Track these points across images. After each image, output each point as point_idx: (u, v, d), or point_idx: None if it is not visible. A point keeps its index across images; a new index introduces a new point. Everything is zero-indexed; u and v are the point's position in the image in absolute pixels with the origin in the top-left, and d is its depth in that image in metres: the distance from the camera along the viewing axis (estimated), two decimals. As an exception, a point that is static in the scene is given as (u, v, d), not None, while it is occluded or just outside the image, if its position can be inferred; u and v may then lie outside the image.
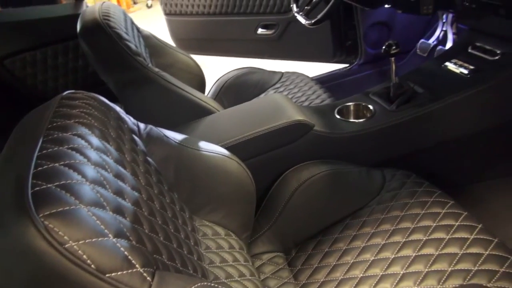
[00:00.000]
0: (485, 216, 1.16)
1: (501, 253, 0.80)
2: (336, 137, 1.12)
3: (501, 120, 1.18)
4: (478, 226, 0.86)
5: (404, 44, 1.88)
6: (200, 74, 1.53)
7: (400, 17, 1.86)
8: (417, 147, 1.19)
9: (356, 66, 1.99)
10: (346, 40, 1.96)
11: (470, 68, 1.19)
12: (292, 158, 1.09)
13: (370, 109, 1.19)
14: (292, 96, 1.55)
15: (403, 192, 1.00)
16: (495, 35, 1.21)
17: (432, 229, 0.88)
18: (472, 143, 1.21)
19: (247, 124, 1.09)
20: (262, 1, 1.94)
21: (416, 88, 1.20)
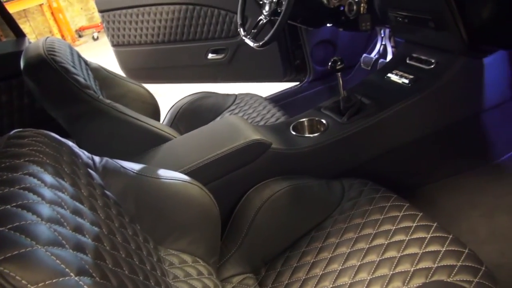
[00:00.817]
0: (438, 214, 1.23)
1: (457, 248, 0.84)
2: (293, 153, 1.15)
3: (442, 123, 1.26)
4: (433, 225, 0.91)
5: (348, 60, 1.99)
6: (154, 103, 1.52)
7: (343, 34, 1.96)
8: (371, 156, 1.24)
9: (306, 83, 2.06)
10: (295, 60, 2.03)
11: (410, 77, 1.27)
12: (253, 177, 1.10)
13: (323, 123, 1.24)
14: (248, 116, 1.57)
15: (362, 199, 1.04)
16: (429, 45, 1.31)
17: (392, 232, 0.92)
18: (420, 147, 1.28)
19: (206, 148, 1.10)
20: (210, 27, 1.97)
21: (364, 100, 1.26)
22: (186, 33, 2.02)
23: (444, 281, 0.78)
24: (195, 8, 1.93)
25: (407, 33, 1.37)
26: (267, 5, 1.42)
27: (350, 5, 1.46)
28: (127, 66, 2.25)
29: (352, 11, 1.45)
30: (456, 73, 1.20)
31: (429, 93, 1.20)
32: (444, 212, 1.25)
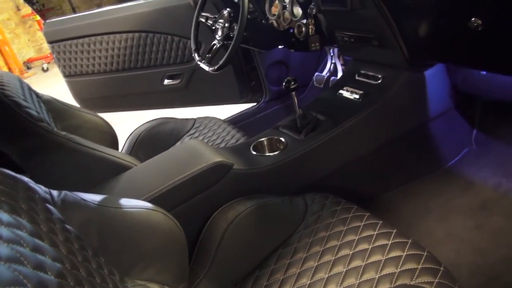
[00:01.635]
0: (397, 221, 1.28)
1: (417, 252, 0.89)
2: (255, 172, 1.17)
3: (393, 134, 1.34)
4: (393, 231, 0.95)
5: (302, 78, 2.06)
6: (111, 131, 1.49)
7: (295, 55, 2.04)
8: (330, 169, 1.28)
9: (263, 103, 2.10)
10: (250, 81, 2.08)
11: (360, 93, 1.34)
12: (217, 199, 1.10)
13: (283, 141, 1.27)
14: (208, 140, 1.58)
15: (325, 213, 1.07)
16: (375, 62, 1.39)
17: (356, 242, 0.95)
18: (375, 158, 1.35)
19: (167, 173, 1.09)
20: (164, 54, 1.98)
21: (319, 117, 1.31)
22: (141, 60, 2.01)
23: (407, 285, 0.82)
24: (148, 36, 1.93)
25: (354, 52, 1.45)
26: (220, 30, 1.45)
27: (299, 27, 1.53)
28: (81, 96, 2.20)
29: (302, 33, 1.52)
30: (401, 86, 1.28)
31: (378, 106, 1.27)
32: (402, 218, 1.31)
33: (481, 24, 0.94)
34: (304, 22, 1.50)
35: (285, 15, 1.59)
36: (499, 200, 1.26)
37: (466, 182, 1.36)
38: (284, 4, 1.56)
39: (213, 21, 1.50)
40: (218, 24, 1.47)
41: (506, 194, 1.28)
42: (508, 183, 1.31)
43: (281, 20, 1.62)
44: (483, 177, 1.36)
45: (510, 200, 1.25)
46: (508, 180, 1.32)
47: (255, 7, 1.69)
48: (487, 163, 1.39)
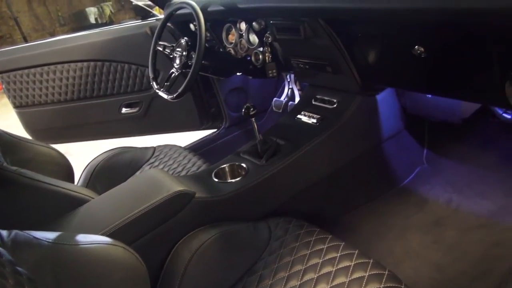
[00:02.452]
0: (359, 240, 1.31)
1: (378, 271, 0.90)
2: (218, 199, 1.16)
3: (350, 156, 1.38)
4: (355, 252, 0.97)
5: (261, 104, 2.10)
6: (66, 163, 1.43)
7: (253, 81, 2.08)
8: (292, 193, 1.30)
9: (223, 129, 2.11)
10: (210, 108, 2.09)
11: (317, 117, 1.38)
12: (180, 229, 1.08)
13: (244, 167, 1.27)
14: (168, 168, 1.56)
15: (289, 237, 1.07)
16: (330, 87, 1.44)
17: (320, 265, 0.96)
18: (335, 180, 1.38)
19: (127, 205, 1.06)
20: (121, 82, 1.96)
21: (279, 141, 1.33)
22: (97, 89, 1.97)
23: None
24: (104, 64, 1.91)
25: (310, 78, 1.50)
26: (178, 59, 1.46)
27: (256, 55, 1.57)
28: (33, 127, 2.11)
29: (259, 60, 1.56)
30: (355, 110, 1.34)
31: (335, 129, 1.32)
32: (363, 237, 1.34)
33: (423, 51, 1.01)
34: (260, 50, 1.54)
35: (242, 43, 1.63)
36: (451, 215, 1.33)
37: (420, 200, 1.42)
38: (241, 33, 1.60)
39: (171, 49, 1.50)
40: (176, 52, 1.47)
41: (457, 209, 1.35)
42: (458, 199, 1.38)
43: (238, 48, 1.65)
44: (435, 194, 1.42)
45: (461, 215, 1.32)
46: (458, 196, 1.39)
47: (212, 35, 1.72)
48: (438, 181, 1.47)
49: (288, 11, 1.21)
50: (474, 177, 1.43)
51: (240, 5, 1.32)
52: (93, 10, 7.53)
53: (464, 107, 1.35)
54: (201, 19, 1.30)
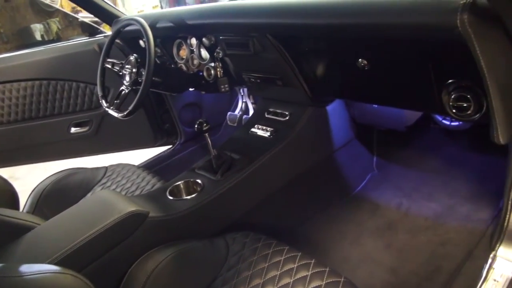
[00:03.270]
0: (316, 249, 1.33)
1: (334, 279, 0.92)
2: (173, 218, 1.14)
3: (304, 166, 1.41)
4: (312, 262, 0.98)
5: (215, 119, 2.10)
6: (9, 189, 1.35)
7: (207, 96, 2.08)
8: (249, 207, 1.30)
9: (178, 145, 2.08)
10: (164, 124, 2.06)
11: (270, 130, 1.40)
12: (134, 251, 1.05)
13: (199, 183, 1.26)
14: (121, 188, 1.51)
15: (246, 251, 1.07)
16: (282, 100, 1.47)
17: (278, 277, 0.97)
18: (290, 191, 1.40)
19: (76, 230, 1.01)
20: (69, 101, 1.89)
21: (234, 155, 1.34)
22: (43, 108, 1.89)
23: None
24: (50, 83, 1.83)
25: (262, 91, 1.53)
26: (127, 76, 1.43)
27: (208, 70, 1.57)
28: (-28, 152, 1.97)
29: (211, 75, 1.56)
30: (307, 121, 1.37)
31: (288, 141, 1.34)
32: (320, 246, 1.36)
33: (367, 64, 1.06)
34: (212, 65, 1.54)
35: (193, 58, 1.62)
36: (402, 219, 1.39)
37: (372, 205, 1.48)
38: (192, 48, 1.60)
39: (120, 66, 1.48)
40: (125, 69, 1.45)
41: (407, 212, 1.41)
42: (407, 202, 1.44)
43: (190, 64, 1.65)
44: (386, 199, 1.48)
45: (411, 218, 1.38)
46: (407, 199, 1.46)
47: (163, 51, 1.70)
48: (388, 186, 1.53)
49: (236, 27, 1.23)
50: (420, 181, 1.51)
51: (188, 22, 1.32)
52: (39, 26, 7.23)
53: (407, 115, 1.43)
54: (150, 35, 1.29)
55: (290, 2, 1.02)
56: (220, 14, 1.21)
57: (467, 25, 0.71)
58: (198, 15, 1.29)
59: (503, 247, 1.05)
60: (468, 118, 0.97)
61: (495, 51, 0.76)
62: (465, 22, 0.70)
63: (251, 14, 1.11)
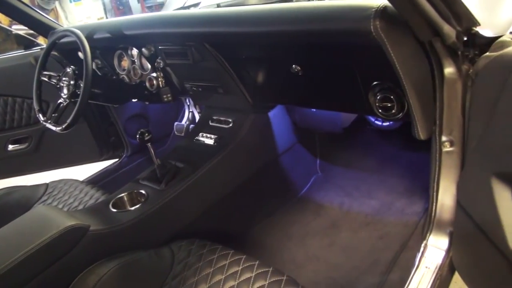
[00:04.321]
0: (263, 252, 1.36)
1: (277, 278, 0.94)
2: (116, 230, 1.12)
3: (249, 172, 1.44)
4: (256, 263, 1.00)
5: (163, 129, 2.09)
6: None
7: (153, 107, 2.06)
8: (195, 214, 1.30)
9: (125, 158, 2.04)
10: (109, 137, 2.01)
11: (214, 137, 1.42)
12: (75, 266, 1.02)
13: (143, 194, 1.25)
14: (63, 204, 1.46)
15: (192, 258, 1.07)
16: (225, 108, 1.50)
17: (223, 281, 0.98)
18: (237, 197, 1.42)
19: (14, 246, 0.97)
20: (5, 117, 1.80)
21: (178, 164, 1.34)
22: (-25, 126, 1.79)
23: None
24: (-18, 99, 1.75)
25: (205, 100, 1.55)
26: (65, 88, 1.40)
27: (150, 80, 1.56)
28: None
29: (153, 85, 1.56)
30: (249, 127, 1.40)
31: (231, 148, 1.36)
32: (267, 249, 1.39)
33: (300, 70, 1.12)
34: (154, 75, 1.54)
35: (135, 69, 1.61)
36: (344, 217, 1.45)
37: (317, 206, 1.53)
38: (133, 59, 1.59)
39: (57, 79, 1.44)
40: (62, 82, 1.41)
41: (348, 211, 1.47)
42: (349, 201, 1.51)
43: (132, 75, 1.63)
44: (330, 199, 1.54)
45: (352, 215, 1.45)
46: (349, 198, 1.52)
47: (104, 63, 1.68)
48: (331, 187, 1.60)
49: (173, 36, 1.24)
50: (360, 180, 1.58)
51: (126, 32, 1.32)
52: (-27, 41, 6.83)
53: (343, 118, 1.50)
54: (86, 46, 1.27)
55: (222, 11, 1.06)
56: (157, 24, 1.22)
57: (379, 30, 0.77)
58: (135, 25, 1.29)
59: (433, 236, 1.13)
60: (393, 117, 1.05)
61: (407, 54, 0.83)
62: (378, 28, 0.77)
63: (186, 23, 1.13)
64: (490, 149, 0.76)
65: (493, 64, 0.73)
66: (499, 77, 0.70)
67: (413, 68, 0.85)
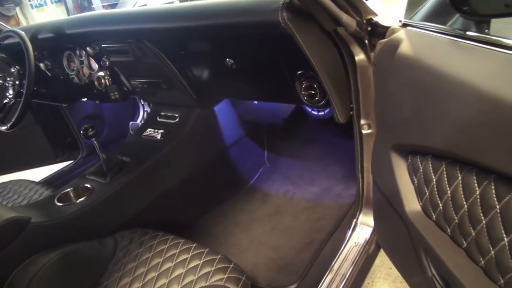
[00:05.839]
0: (212, 240, 1.41)
1: (224, 264, 0.98)
2: (59, 222, 1.15)
3: (197, 164, 1.49)
4: (205, 251, 1.03)
5: (119, 129, 2.11)
6: None
7: (108, 107, 2.08)
8: (142, 205, 1.34)
9: (81, 159, 2.06)
10: (64, 138, 2.02)
11: (161, 132, 1.47)
12: (16, 258, 1.04)
13: (88, 188, 1.29)
14: (8, 201, 1.48)
15: (133, 245, 1.12)
16: (171, 104, 1.55)
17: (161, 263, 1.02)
18: (185, 188, 1.47)
19: None
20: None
21: (124, 159, 1.38)
22: None
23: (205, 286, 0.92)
24: None
25: (152, 96, 1.59)
26: (11, 88, 1.42)
27: (98, 79, 1.60)
28: None
29: (102, 84, 1.59)
30: (195, 122, 1.46)
31: (177, 142, 1.42)
32: (213, 236, 1.44)
33: (234, 63, 1.18)
34: (102, 74, 1.58)
35: (83, 69, 1.64)
36: (288, 203, 1.52)
37: (264, 195, 1.60)
38: (81, 59, 1.62)
39: (3, 79, 1.46)
40: (7, 82, 1.43)
41: (292, 198, 1.55)
42: (293, 189, 1.59)
43: (81, 75, 1.66)
44: (276, 188, 1.61)
45: (295, 201, 1.52)
46: (293, 186, 1.60)
47: (53, 64, 1.70)
48: (278, 176, 1.67)
49: (112, 34, 1.28)
50: (304, 169, 1.67)
51: (67, 31, 1.35)
52: None
53: (283, 109, 1.58)
54: (28, 46, 1.30)
55: (153, 9, 1.11)
56: (96, 22, 1.26)
57: (287, 21, 0.84)
58: (76, 24, 1.33)
59: (362, 214, 1.22)
60: (317, 104, 1.13)
61: (316, 42, 0.91)
62: (285, 19, 0.84)
63: (122, 20, 1.18)
64: (387, 125, 0.85)
65: (383, 49, 0.82)
66: (387, 60, 0.79)
67: (323, 55, 0.93)
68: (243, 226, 1.45)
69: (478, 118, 0.55)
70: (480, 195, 0.60)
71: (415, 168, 0.78)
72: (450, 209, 0.68)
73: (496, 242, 0.58)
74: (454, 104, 0.60)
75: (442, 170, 0.69)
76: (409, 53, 0.72)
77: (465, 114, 0.57)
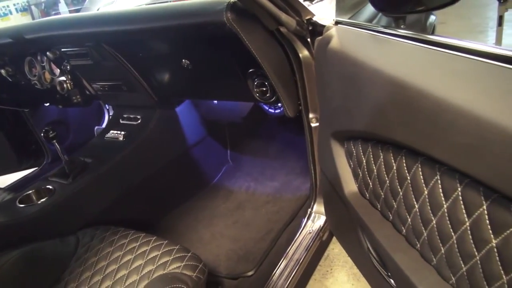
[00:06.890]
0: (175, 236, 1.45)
1: (182, 254, 1.02)
2: (20, 222, 1.17)
3: (160, 163, 1.53)
4: (164, 242, 1.07)
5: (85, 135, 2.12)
6: None
7: (73, 112, 2.09)
8: (104, 204, 1.37)
9: (46, 165, 2.05)
10: (29, 145, 2.01)
11: (123, 134, 1.50)
12: None
13: (50, 189, 1.31)
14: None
15: (95, 241, 1.15)
16: (133, 106, 1.59)
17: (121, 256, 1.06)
18: (148, 187, 1.51)
19: None
20: None
21: (86, 160, 1.40)
22: None
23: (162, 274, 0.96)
24: None
25: (114, 99, 1.63)
26: (-32, 94, 1.43)
27: (60, 84, 1.62)
28: None
29: (64, 89, 1.61)
30: (156, 123, 1.50)
31: (139, 142, 1.45)
32: (176, 231, 1.48)
33: (189, 64, 1.24)
34: (63, 78, 1.60)
35: (45, 74, 1.66)
36: (249, 199, 1.58)
37: (227, 192, 1.65)
38: (43, 65, 1.64)
39: (-38, 86, 1.46)
40: (-35, 88, 1.44)
41: (253, 193, 1.61)
42: (255, 185, 1.65)
43: (43, 80, 1.68)
44: (238, 185, 1.67)
45: (256, 196, 1.58)
46: (255, 182, 1.66)
47: (15, 70, 1.71)
48: (241, 174, 1.73)
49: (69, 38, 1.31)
50: (265, 165, 1.73)
51: (26, 36, 1.37)
52: None
53: (240, 108, 1.64)
54: None
55: (108, 12, 1.16)
56: (54, 26, 1.29)
57: (232, 21, 0.91)
58: (34, 29, 1.35)
59: (317, 204, 1.29)
60: (269, 100, 1.20)
61: (260, 40, 0.98)
62: (230, 19, 0.90)
63: (81, 24, 1.21)
64: (326, 115, 0.92)
65: (318, 45, 0.89)
66: (322, 55, 0.86)
67: (268, 53, 1.00)
68: (205, 222, 1.50)
69: (388, 99, 0.63)
70: (396, 169, 0.67)
71: (350, 152, 0.85)
72: (377, 185, 0.76)
73: (410, 209, 0.66)
74: (371, 89, 0.67)
75: (369, 151, 0.76)
76: (338, 47, 0.80)
77: (379, 96, 0.65)
